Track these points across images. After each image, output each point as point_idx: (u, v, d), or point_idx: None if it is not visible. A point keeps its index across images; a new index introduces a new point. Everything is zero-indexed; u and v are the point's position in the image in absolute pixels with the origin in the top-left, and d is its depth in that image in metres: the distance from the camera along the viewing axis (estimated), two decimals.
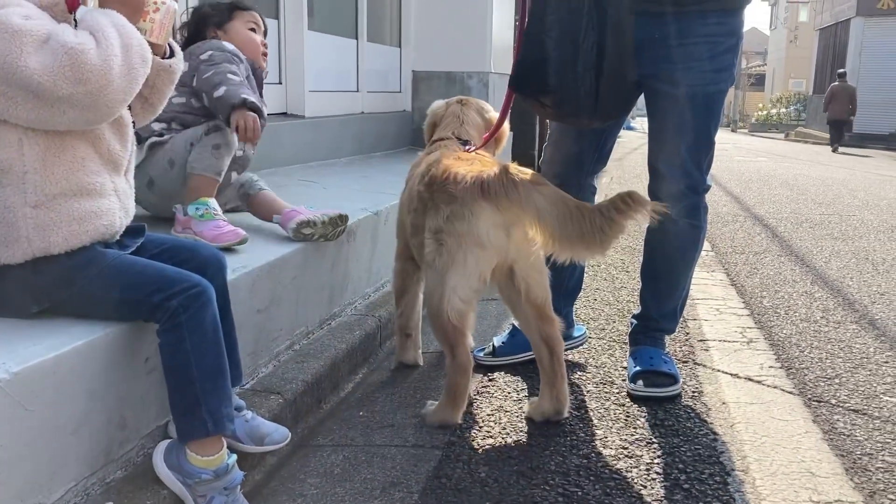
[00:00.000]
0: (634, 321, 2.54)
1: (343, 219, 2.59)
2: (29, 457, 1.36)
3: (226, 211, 2.45)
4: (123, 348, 1.58)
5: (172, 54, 1.71)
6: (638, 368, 2.37)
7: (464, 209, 1.95)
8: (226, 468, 1.55)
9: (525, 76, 2.21)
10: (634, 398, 2.31)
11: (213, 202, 2.31)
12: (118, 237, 1.62)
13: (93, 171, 1.52)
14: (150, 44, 1.54)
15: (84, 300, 1.54)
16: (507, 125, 2.53)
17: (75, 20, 1.52)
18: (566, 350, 2.49)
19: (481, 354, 2.55)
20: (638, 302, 2.57)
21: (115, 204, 1.57)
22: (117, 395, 1.58)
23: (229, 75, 2.36)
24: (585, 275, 3.88)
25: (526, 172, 1.97)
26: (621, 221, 1.86)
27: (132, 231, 1.68)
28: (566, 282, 2.56)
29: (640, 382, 2.32)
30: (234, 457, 1.59)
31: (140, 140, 2.30)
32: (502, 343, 2.58)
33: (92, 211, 1.52)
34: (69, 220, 1.48)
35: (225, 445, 1.57)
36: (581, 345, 2.69)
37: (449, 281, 1.96)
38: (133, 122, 1.64)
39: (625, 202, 1.87)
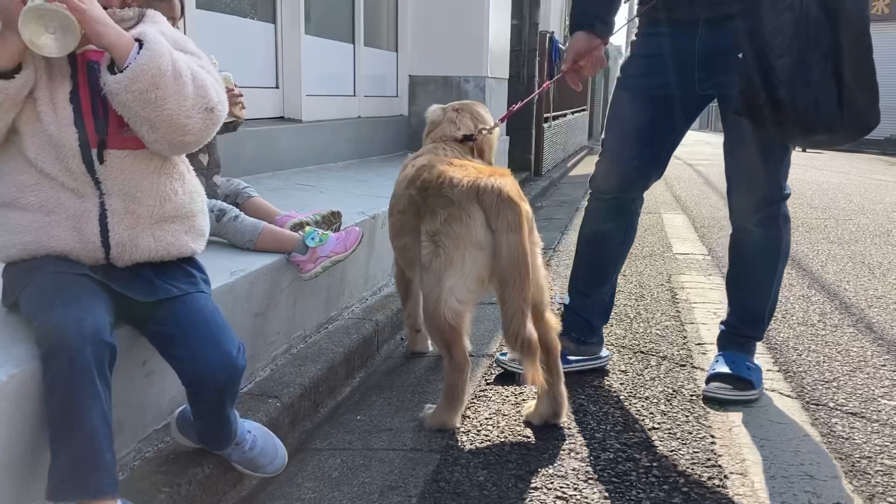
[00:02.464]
0: (722, 327, 2.52)
1: (336, 215, 2.60)
2: (25, 459, 1.35)
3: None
4: (121, 352, 1.56)
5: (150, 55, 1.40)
6: (715, 371, 2.37)
7: (461, 212, 1.96)
8: None
9: (752, 97, 2.00)
10: (704, 399, 2.33)
11: (307, 221, 2.44)
12: (79, 260, 1.47)
13: (24, 183, 1.42)
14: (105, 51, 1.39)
15: (22, 308, 1.45)
16: (497, 131, 2.54)
17: None
18: (588, 365, 2.55)
19: (505, 358, 2.53)
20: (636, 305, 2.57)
21: (59, 224, 1.44)
22: (115, 398, 1.55)
23: None
24: None
25: (519, 205, 1.97)
26: (509, 345, 1.94)
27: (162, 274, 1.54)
28: (602, 298, 2.57)
29: (714, 384, 2.33)
30: None
31: None
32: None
33: (18, 223, 1.43)
34: (2, 230, 1.45)
35: None
36: (603, 366, 2.60)
37: (446, 282, 1.96)
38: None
39: (524, 351, 1.91)
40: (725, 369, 2.35)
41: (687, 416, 2.21)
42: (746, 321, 2.45)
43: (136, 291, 1.50)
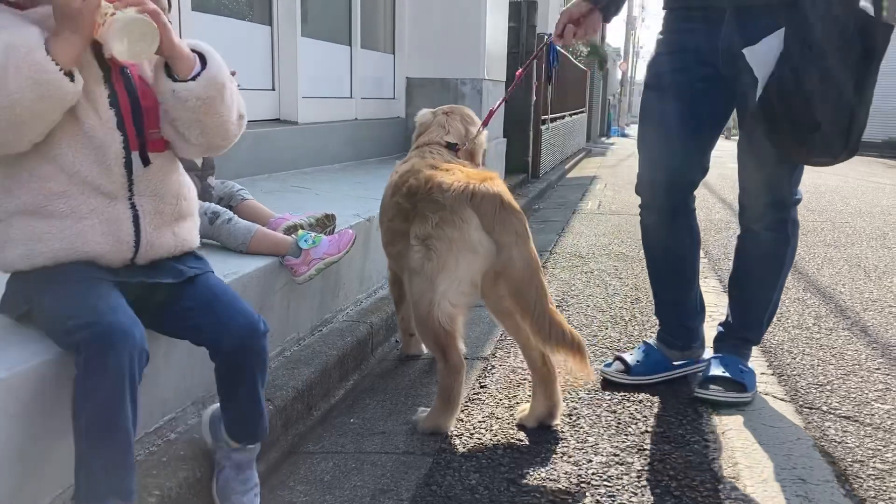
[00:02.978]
0: (720, 328, 2.50)
1: (330, 218, 2.61)
2: (15, 463, 1.35)
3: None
4: None
5: (204, 67, 1.49)
6: (709, 374, 2.35)
7: (454, 216, 1.95)
8: None
9: (783, 118, 2.00)
10: (697, 400, 2.33)
11: (301, 224, 2.45)
12: (108, 264, 1.49)
13: (53, 191, 1.42)
14: (174, 61, 1.43)
15: (38, 315, 1.46)
16: (484, 134, 2.55)
17: None
18: (691, 369, 2.53)
19: (610, 370, 2.49)
20: (636, 311, 2.57)
21: (88, 227, 1.45)
22: None
23: None
24: (578, 280, 3.91)
25: (513, 209, 1.98)
26: (556, 348, 1.96)
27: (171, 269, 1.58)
28: (693, 299, 2.52)
29: (707, 386, 2.32)
30: None
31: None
32: (637, 362, 2.49)
33: (48, 232, 1.42)
34: (24, 238, 1.43)
35: None
36: (701, 371, 2.49)
37: (439, 285, 1.96)
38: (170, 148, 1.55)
39: (573, 348, 1.95)
40: (719, 372, 2.35)
41: (680, 420, 2.20)
42: (745, 324, 2.44)
43: (165, 276, 1.57)
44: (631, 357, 2.49)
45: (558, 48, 8.99)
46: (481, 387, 2.43)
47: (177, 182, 1.60)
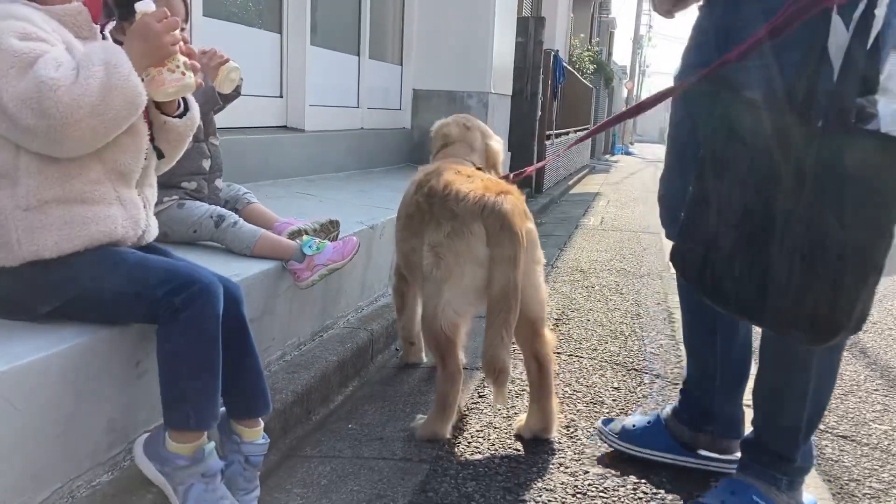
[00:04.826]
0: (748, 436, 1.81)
1: (334, 224, 2.62)
2: (15, 457, 1.36)
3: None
4: (114, 351, 1.58)
5: (185, 112, 1.70)
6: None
7: (464, 228, 1.98)
8: (202, 454, 1.54)
9: None
10: None
11: (306, 229, 2.47)
12: (125, 245, 1.60)
13: (92, 179, 1.51)
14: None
15: (93, 297, 1.53)
16: (500, 143, 2.56)
17: (104, 34, 1.57)
18: (721, 463, 1.95)
19: (607, 429, 2.08)
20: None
21: (116, 212, 1.56)
22: (106, 397, 1.58)
23: None
24: (579, 295, 3.92)
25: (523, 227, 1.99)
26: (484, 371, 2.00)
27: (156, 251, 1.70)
28: (728, 366, 1.89)
29: None
30: (212, 444, 1.58)
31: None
32: (633, 425, 2.05)
33: (86, 216, 1.50)
34: (60, 224, 1.48)
35: (205, 435, 1.56)
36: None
37: (445, 293, 1.99)
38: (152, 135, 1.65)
39: (491, 375, 1.97)
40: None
41: None
42: (769, 430, 1.73)
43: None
44: (633, 420, 2.09)
45: (565, 64, 9.03)
46: (479, 396, 2.44)
47: (154, 177, 1.75)
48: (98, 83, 1.38)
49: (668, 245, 1.73)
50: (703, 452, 1.95)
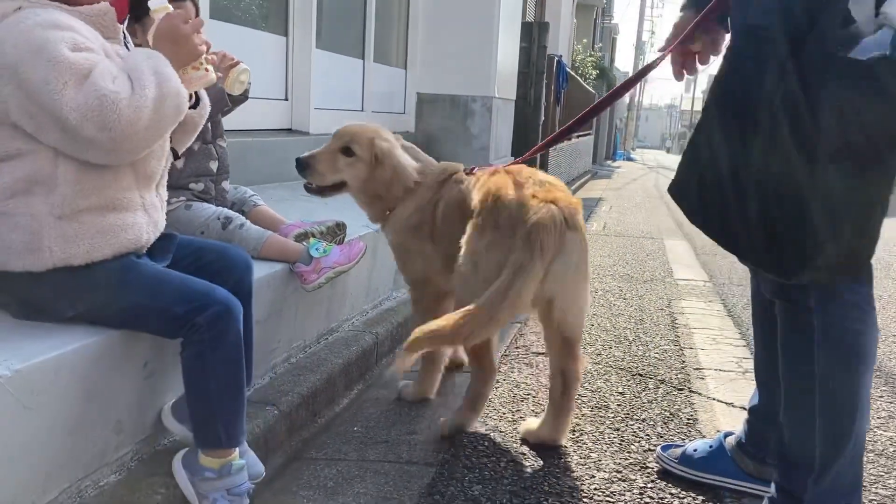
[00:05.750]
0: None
1: (341, 227, 2.62)
2: (25, 456, 1.36)
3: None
4: (124, 352, 1.59)
5: (197, 103, 1.74)
6: None
7: (503, 238, 1.93)
8: (229, 469, 1.55)
9: None
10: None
11: (312, 232, 2.51)
12: (145, 249, 1.62)
13: (124, 187, 1.53)
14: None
15: (113, 305, 1.53)
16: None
17: (124, 33, 1.57)
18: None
19: (666, 454, 2.02)
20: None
21: (142, 218, 1.58)
22: (115, 398, 1.58)
23: None
24: None
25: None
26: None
27: (164, 239, 1.70)
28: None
29: None
30: (242, 462, 1.59)
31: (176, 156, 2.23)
32: (695, 450, 1.98)
33: (117, 224, 1.52)
34: (93, 232, 1.48)
35: (235, 451, 1.58)
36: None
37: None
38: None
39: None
40: None
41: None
42: (779, 460, 1.69)
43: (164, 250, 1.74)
44: (696, 445, 2.01)
45: (568, 70, 9.05)
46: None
47: (167, 176, 1.76)
48: (153, 94, 1.40)
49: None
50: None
